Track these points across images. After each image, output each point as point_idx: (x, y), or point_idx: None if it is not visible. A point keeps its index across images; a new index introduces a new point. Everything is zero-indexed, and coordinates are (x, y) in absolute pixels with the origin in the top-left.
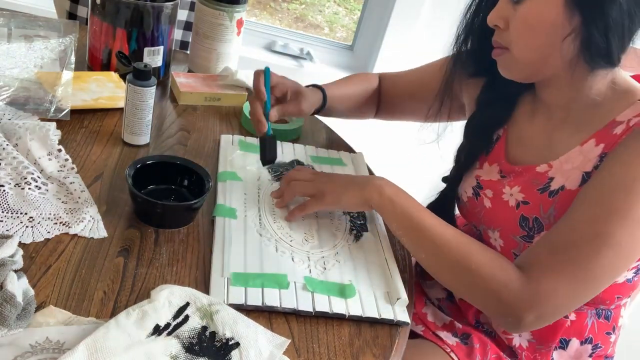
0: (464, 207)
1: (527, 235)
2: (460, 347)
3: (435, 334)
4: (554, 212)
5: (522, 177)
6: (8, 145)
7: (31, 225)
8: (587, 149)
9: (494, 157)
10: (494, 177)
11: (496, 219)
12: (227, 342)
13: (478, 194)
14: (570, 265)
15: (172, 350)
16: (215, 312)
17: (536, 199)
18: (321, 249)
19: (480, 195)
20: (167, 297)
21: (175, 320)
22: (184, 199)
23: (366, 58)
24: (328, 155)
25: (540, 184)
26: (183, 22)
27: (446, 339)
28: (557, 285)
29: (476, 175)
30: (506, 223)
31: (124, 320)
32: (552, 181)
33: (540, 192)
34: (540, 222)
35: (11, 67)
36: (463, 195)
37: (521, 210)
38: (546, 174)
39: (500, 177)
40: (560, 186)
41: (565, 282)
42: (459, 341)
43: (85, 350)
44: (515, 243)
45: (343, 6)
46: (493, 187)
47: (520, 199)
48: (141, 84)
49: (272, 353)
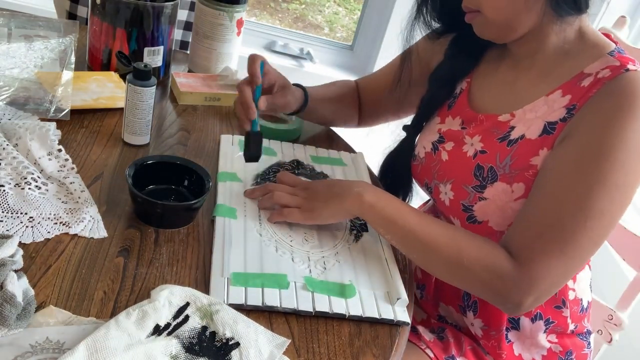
0: (419, 165)
1: (480, 185)
2: (437, 343)
3: (415, 328)
4: (510, 162)
5: (483, 125)
6: (8, 145)
7: (31, 225)
8: (552, 99)
9: (456, 110)
10: (455, 128)
11: (451, 171)
12: (227, 342)
13: (437, 147)
14: (558, 243)
15: (172, 350)
16: (215, 312)
17: (494, 148)
18: (321, 249)
19: (438, 149)
20: (167, 297)
21: (176, 320)
22: (184, 199)
23: (366, 58)
24: (328, 155)
25: (501, 133)
26: (183, 22)
27: (424, 334)
28: (549, 265)
29: (438, 129)
30: (461, 173)
31: (124, 320)
32: (513, 130)
33: (499, 141)
34: (494, 171)
35: (11, 67)
36: (421, 152)
37: (477, 159)
38: (508, 123)
39: (460, 129)
40: (520, 135)
41: (556, 261)
42: (435, 337)
43: (86, 350)
44: (465, 193)
45: (343, 6)
46: (454, 137)
47: (478, 149)
48: (141, 84)
49: (272, 353)
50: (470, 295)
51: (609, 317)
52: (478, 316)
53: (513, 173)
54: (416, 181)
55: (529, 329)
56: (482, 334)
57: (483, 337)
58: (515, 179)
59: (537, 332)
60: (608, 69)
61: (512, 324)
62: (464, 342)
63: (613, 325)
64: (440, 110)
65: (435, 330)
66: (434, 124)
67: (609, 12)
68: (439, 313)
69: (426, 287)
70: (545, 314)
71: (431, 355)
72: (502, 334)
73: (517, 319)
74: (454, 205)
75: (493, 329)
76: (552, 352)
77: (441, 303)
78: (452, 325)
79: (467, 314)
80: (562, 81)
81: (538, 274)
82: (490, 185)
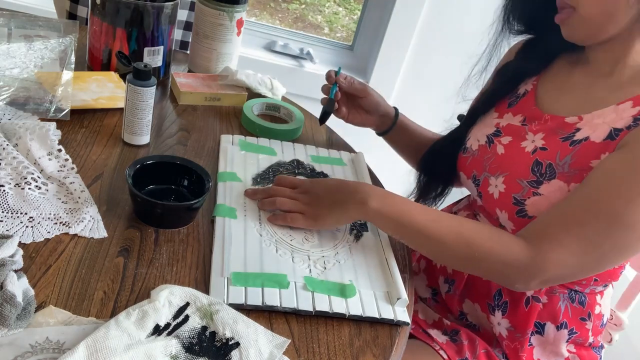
0: (469, 157)
1: (536, 181)
2: (450, 345)
3: (426, 331)
4: (570, 161)
5: (547, 125)
6: (8, 145)
7: (31, 225)
8: (622, 109)
9: (518, 108)
10: (515, 123)
11: (507, 164)
12: (227, 342)
13: (492, 141)
14: (582, 240)
15: (172, 350)
16: (215, 312)
17: (556, 145)
18: (321, 249)
19: (494, 142)
20: (167, 297)
21: (175, 320)
22: (184, 199)
23: (366, 58)
24: (328, 155)
25: (565, 133)
26: (183, 22)
27: (436, 337)
28: (565, 258)
29: (496, 123)
30: (517, 168)
31: (124, 320)
32: (578, 132)
33: (562, 140)
34: (553, 168)
35: (11, 67)
36: (474, 144)
37: (537, 155)
38: (574, 125)
39: (521, 125)
40: (584, 137)
41: (574, 257)
42: (448, 339)
43: (86, 350)
44: (519, 187)
45: (343, 6)
46: (514, 132)
47: (539, 145)
48: (141, 84)
49: (272, 353)
50: (502, 295)
51: (609, 317)
52: (506, 316)
53: (572, 172)
54: (462, 173)
55: (553, 335)
56: (507, 335)
57: (507, 337)
58: (573, 179)
59: (559, 340)
60: None
61: (538, 328)
62: (478, 345)
63: (613, 325)
64: (499, 106)
65: (449, 332)
66: (490, 118)
67: None
68: (461, 309)
69: (456, 282)
70: (570, 324)
71: (445, 356)
72: (526, 337)
73: (543, 323)
74: (504, 198)
75: (519, 331)
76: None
77: (467, 300)
78: (470, 325)
79: (495, 313)
80: (635, 93)
81: (549, 262)
82: (547, 182)
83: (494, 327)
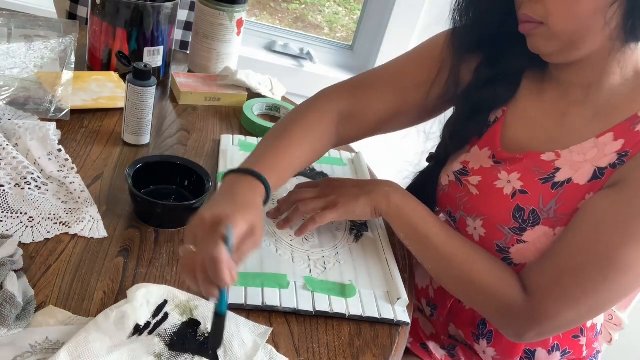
0: (442, 191)
1: (519, 228)
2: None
3: (424, 344)
4: (555, 207)
5: (523, 163)
6: (8, 145)
7: (31, 225)
8: (603, 142)
9: (486, 140)
10: (486, 164)
11: (483, 207)
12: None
13: (460, 180)
14: (578, 291)
15: (156, 349)
16: (194, 308)
17: (537, 189)
18: (321, 249)
19: (463, 183)
20: (145, 295)
21: (155, 319)
22: (184, 199)
23: (366, 58)
24: (328, 155)
25: (544, 173)
26: (183, 22)
27: (434, 351)
28: (561, 310)
29: (463, 160)
30: (496, 212)
31: (104, 322)
32: (558, 172)
33: (543, 182)
34: (537, 214)
35: (11, 67)
36: (444, 179)
37: (517, 199)
38: (552, 164)
39: (493, 164)
40: (566, 178)
41: (571, 308)
42: (446, 354)
43: (68, 356)
44: (501, 234)
45: (343, 6)
46: (483, 174)
47: (518, 187)
48: (141, 84)
49: (256, 342)
50: (487, 324)
51: (609, 317)
52: (491, 345)
53: (557, 217)
54: (437, 209)
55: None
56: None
57: None
58: (559, 223)
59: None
60: None
61: (528, 355)
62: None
63: (613, 325)
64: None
65: (446, 346)
66: (459, 153)
67: None
68: (449, 333)
69: (438, 308)
70: (563, 345)
71: None
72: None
73: (533, 350)
74: (486, 244)
75: (505, 358)
76: None
77: (452, 325)
78: (464, 343)
79: (480, 341)
80: (615, 122)
81: (547, 315)
82: (531, 229)
83: (480, 354)
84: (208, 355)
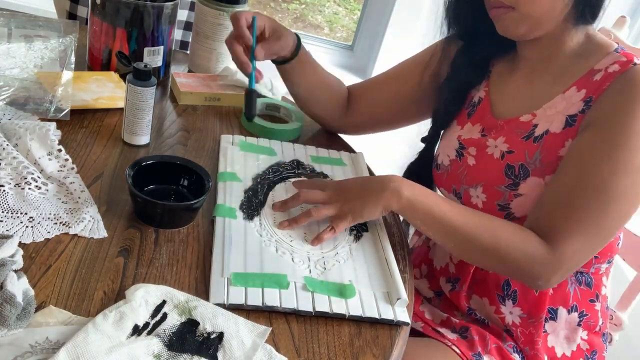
0: (445, 172)
1: (513, 183)
2: (461, 342)
3: (436, 329)
4: (540, 156)
5: (505, 128)
6: (8, 145)
7: (31, 225)
8: (569, 95)
9: (477, 117)
10: (475, 135)
11: (481, 174)
12: (208, 336)
13: (462, 154)
14: (583, 224)
15: (155, 350)
16: (193, 308)
17: (521, 146)
18: (321, 249)
19: (464, 155)
20: (143, 296)
21: (154, 319)
22: (184, 199)
23: (366, 58)
24: (328, 155)
25: (525, 132)
26: (183, 22)
27: (446, 334)
28: (576, 246)
29: (457, 136)
30: (491, 175)
31: (102, 323)
32: (536, 127)
33: (525, 139)
34: (526, 168)
35: (11, 67)
36: (444, 160)
37: (506, 159)
38: (530, 123)
39: (481, 136)
40: (544, 130)
41: (581, 242)
42: (458, 336)
43: (67, 357)
44: (499, 194)
45: (343, 6)
46: (475, 144)
47: (504, 149)
48: (141, 84)
49: (255, 342)
50: (511, 284)
51: (609, 317)
52: (517, 305)
53: (544, 166)
54: (442, 189)
55: (565, 319)
56: (520, 322)
57: (521, 324)
58: (547, 171)
59: (572, 324)
60: (617, 64)
61: (551, 314)
62: (489, 340)
63: (613, 325)
64: (459, 118)
65: (458, 330)
66: (453, 132)
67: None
68: (469, 305)
69: (460, 280)
70: (580, 307)
71: (458, 352)
72: (540, 322)
73: (555, 308)
74: (488, 207)
75: (533, 317)
76: (580, 349)
77: (474, 296)
78: (478, 320)
79: (505, 302)
80: (575, 78)
81: (566, 255)
82: (524, 182)
83: (506, 317)
84: (207, 355)
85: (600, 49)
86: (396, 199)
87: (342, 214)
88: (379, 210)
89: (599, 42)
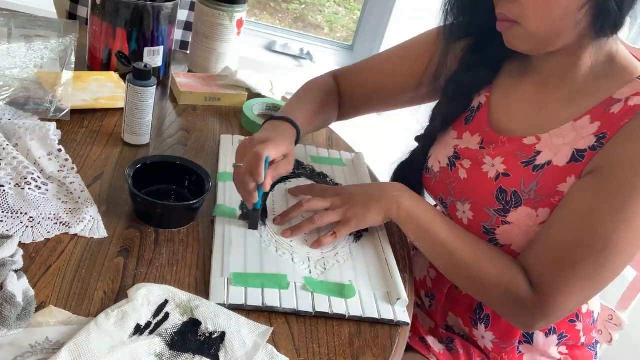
0: (433, 178)
1: (503, 209)
2: (446, 355)
3: (423, 339)
4: (536, 187)
5: (505, 147)
6: (8, 145)
7: (31, 225)
8: (580, 125)
9: (475, 126)
10: (473, 147)
11: (470, 190)
12: (210, 336)
13: (454, 164)
14: (578, 280)
15: (157, 349)
16: (195, 308)
17: (518, 171)
18: (321, 250)
19: (456, 166)
20: (146, 295)
21: (156, 319)
22: (184, 199)
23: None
24: (328, 156)
25: (525, 157)
26: (183, 22)
27: (433, 345)
28: (567, 300)
29: (454, 145)
30: (481, 195)
31: (104, 322)
32: (539, 155)
33: (524, 165)
34: (519, 196)
35: (11, 67)
36: (435, 166)
37: (500, 182)
38: (533, 147)
39: (479, 148)
40: (546, 161)
41: (574, 296)
42: (444, 348)
43: (69, 356)
44: (487, 216)
45: (343, 6)
46: (472, 156)
47: (501, 171)
48: (141, 84)
49: (256, 342)
50: (483, 308)
51: (609, 317)
52: (489, 329)
53: (538, 198)
54: (429, 193)
55: (542, 342)
56: (493, 347)
57: (493, 350)
58: (541, 204)
59: (549, 345)
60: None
61: (526, 338)
62: (474, 353)
63: (613, 325)
64: (456, 123)
65: (444, 340)
66: (449, 138)
67: None
68: (447, 323)
69: (436, 297)
70: (559, 329)
71: None
72: (513, 347)
73: (531, 333)
74: (474, 227)
75: (505, 343)
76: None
77: (450, 313)
78: (460, 336)
79: (477, 326)
80: (591, 106)
81: (555, 305)
82: (514, 210)
83: (478, 340)
84: (209, 355)
85: (623, 73)
86: (395, 208)
87: (346, 219)
88: (381, 217)
89: (623, 64)
